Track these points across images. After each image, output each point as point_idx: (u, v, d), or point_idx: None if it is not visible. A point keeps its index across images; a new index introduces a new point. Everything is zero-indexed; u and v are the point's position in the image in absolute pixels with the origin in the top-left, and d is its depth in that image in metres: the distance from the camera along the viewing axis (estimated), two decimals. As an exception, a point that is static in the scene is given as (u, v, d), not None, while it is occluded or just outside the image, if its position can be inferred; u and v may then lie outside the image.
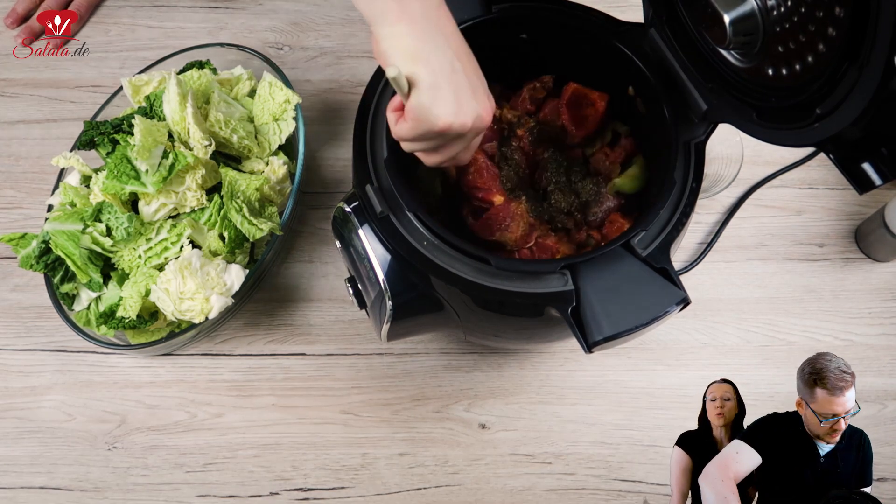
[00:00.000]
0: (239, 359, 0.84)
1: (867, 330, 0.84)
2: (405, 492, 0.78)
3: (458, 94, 0.53)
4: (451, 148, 0.57)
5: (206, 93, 0.84)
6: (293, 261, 0.89)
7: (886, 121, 0.45)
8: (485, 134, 0.74)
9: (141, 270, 0.75)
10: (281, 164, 0.83)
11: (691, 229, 0.87)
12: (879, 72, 0.42)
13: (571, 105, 0.74)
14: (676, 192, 0.61)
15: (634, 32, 0.67)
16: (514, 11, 0.69)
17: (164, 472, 0.79)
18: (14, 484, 0.78)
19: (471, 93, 0.54)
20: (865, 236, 0.87)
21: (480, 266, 0.59)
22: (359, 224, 0.62)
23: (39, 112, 0.99)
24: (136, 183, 0.76)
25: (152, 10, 1.06)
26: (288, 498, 0.78)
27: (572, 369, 0.83)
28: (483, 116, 0.55)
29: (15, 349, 0.85)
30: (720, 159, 0.90)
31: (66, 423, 0.81)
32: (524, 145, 0.75)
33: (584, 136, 0.75)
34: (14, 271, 0.88)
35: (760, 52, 0.54)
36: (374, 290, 0.63)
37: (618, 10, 0.79)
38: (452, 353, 0.84)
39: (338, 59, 1.02)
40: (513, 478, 0.78)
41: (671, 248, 0.60)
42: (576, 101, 0.74)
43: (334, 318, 0.86)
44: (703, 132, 0.63)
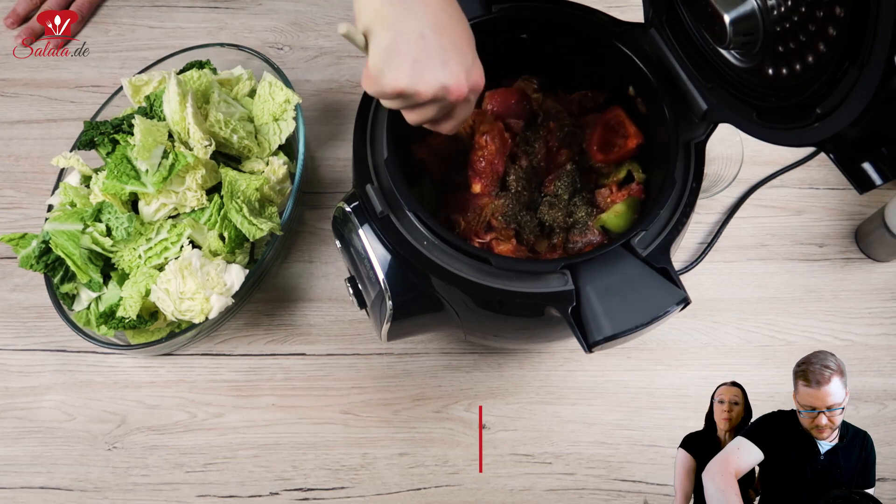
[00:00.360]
0: (239, 359, 0.84)
1: (867, 330, 0.84)
2: (405, 492, 0.78)
3: (420, 61, 0.52)
4: (424, 111, 0.56)
5: (206, 93, 0.84)
6: (293, 261, 0.89)
7: (886, 121, 0.45)
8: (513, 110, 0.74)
9: (141, 270, 0.75)
10: (281, 164, 0.83)
11: (691, 229, 0.87)
12: (879, 72, 0.42)
13: (606, 127, 0.73)
14: (676, 192, 0.61)
15: (634, 32, 0.67)
16: (514, 11, 0.69)
17: (164, 472, 0.79)
18: (14, 484, 0.78)
19: (439, 63, 0.53)
20: (865, 236, 0.87)
21: (480, 266, 0.59)
22: (359, 224, 0.62)
23: (39, 112, 0.99)
24: (136, 183, 0.76)
25: (152, 10, 1.06)
26: (288, 498, 0.78)
27: (572, 369, 0.83)
28: (451, 88, 0.54)
29: (15, 349, 0.85)
30: (720, 159, 0.90)
31: (66, 423, 0.81)
32: (550, 140, 0.74)
33: (601, 162, 0.74)
34: (14, 271, 0.88)
35: (760, 51, 0.54)
36: (374, 290, 0.63)
37: (618, 10, 0.79)
38: (452, 353, 0.84)
39: (338, 59, 1.02)
40: (513, 478, 0.78)
41: (671, 248, 0.60)
42: (612, 125, 0.73)
43: (334, 318, 0.86)
44: (703, 132, 0.63)
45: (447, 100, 0.55)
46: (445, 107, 0.56)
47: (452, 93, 0.54)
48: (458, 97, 0.54)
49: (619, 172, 0.74)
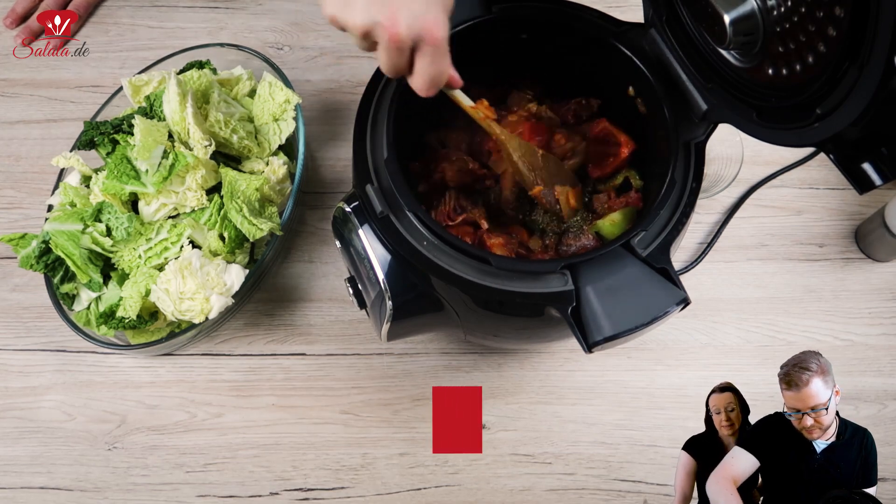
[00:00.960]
0: (239, 359, 0.84)
1: (867, 330, 0.84)
2: (405, 492, 0.78)
3: None
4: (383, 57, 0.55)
5: (206, 93, 0.84)
6: (293, 261, 0.89)
7: (886, 121, 0.45)
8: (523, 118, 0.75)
9: (141, 270, 0.75)
10: (281, 164, 0.83)
11: (691, 229, 0.87)
12: (879, 72, 0.42)
13: (596, 142, 0.73)
14: (676, 193, 0.61)
15: (634, 32, 0.67)
16: (514, 11, 0.69)
17: (164, 472, 0.79)
18: (14, 484, 0.78)
19: (380, 1, 0.53)
20: (865, 236, 0.87)
21: (480, 266, 0.59)
22: (359, 224, 0.62)
23: (39, 112, 0.99)
24: (136, 183, 0.76)
25: (152, 10, 1.06)
26: (288, 498, 0.78)
27: (572, 369, 0.83)
28: (384, 24, 0.53)
29: (15, 349, 0.85)
30: (720, 159, 0.90)
31: (66, 423, 0.81)
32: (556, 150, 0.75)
33: (599, 176, 0.74)
34: (14, 271, 0.88)
35: (760, 52, 0.54)
36: (374, 290, 0.63)
37: (618, 10, 0.79)
38: (452, 353, 0.84)
39: (338, 59, 1.02)
40: (513, 478, 0.78)
41: (671, 248, 0.60)
42: (602, 138, 0.73)
43: (334, 318, 0.86)
44: (703, 132, 0.63)
45: (383, 38, 0.54)
46: (393, 50, 0.54)
47: (385, 30, 0.53)
48: (393, 36, 0.53)
49: (616, 179, 0.74)
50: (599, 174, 0.74)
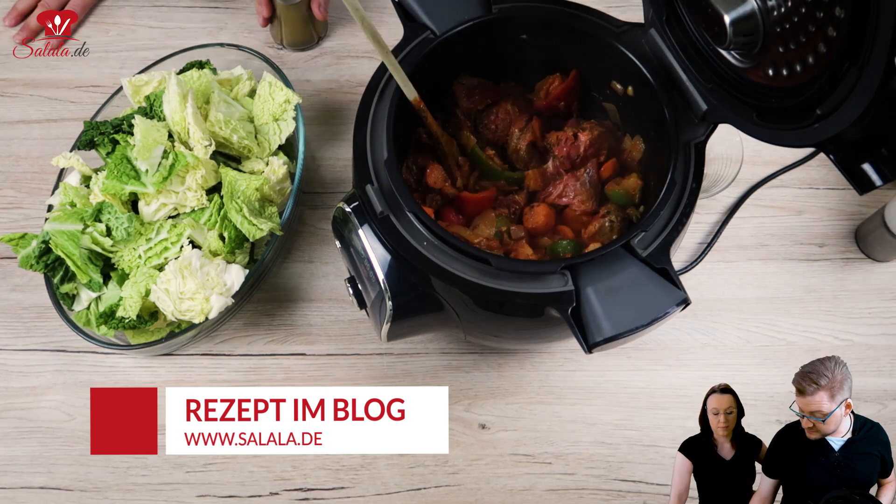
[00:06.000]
0: (239, 359, 0.84)
1: (867, 330, 0.84)
2: (405, 492, 0.78)
3: None
4: None
5: (206, 93, 0.83)
6: (293, 261, 0.89)
7: (886, 121, 0.45)
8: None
9: (141, 270, 0.75)
10: (281, 164, 0.83)
11: (691, 229, 0.86)
12: (879, 72, 0.42)
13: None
14: (676, 193, 0.61)
15: (634, 32, 0.67)
16: (514, 11, 0.69)
17: (164, 472, 0.79)
18: (14, 484, 0.78)
19: None
20: (865, 236, 0.87)
21: (480, 266, 0.59)
22: (359, 224, 0.62)
23: (39, 112, 0.99)
24: (136, 183, 0.76)
25: (152, 10, 1.06)
26: (288, 498, 0.78)
27: (572, 369, 0.83)
28: None
29: (15, 349, 0.85)
30: (720, 159, 0.90)
31: (66, 423, 0.81)
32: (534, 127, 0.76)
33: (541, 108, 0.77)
34: (14, 271, 0.88)
35: (761, 52, 0.54)
36: (374, 290, 0.63)
37: (618, 10, 0.79)
38: (452, 353, 0.84)
39: (338, 59, 1.02)
40: (513, 478, 0.78)
41: (671, 249, 0.60)
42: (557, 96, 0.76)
43: (334, 318, 0.86)
44: (703, 132, 0.63)
45: None
46: None
47: None
48: None
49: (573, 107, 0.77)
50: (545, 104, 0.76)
